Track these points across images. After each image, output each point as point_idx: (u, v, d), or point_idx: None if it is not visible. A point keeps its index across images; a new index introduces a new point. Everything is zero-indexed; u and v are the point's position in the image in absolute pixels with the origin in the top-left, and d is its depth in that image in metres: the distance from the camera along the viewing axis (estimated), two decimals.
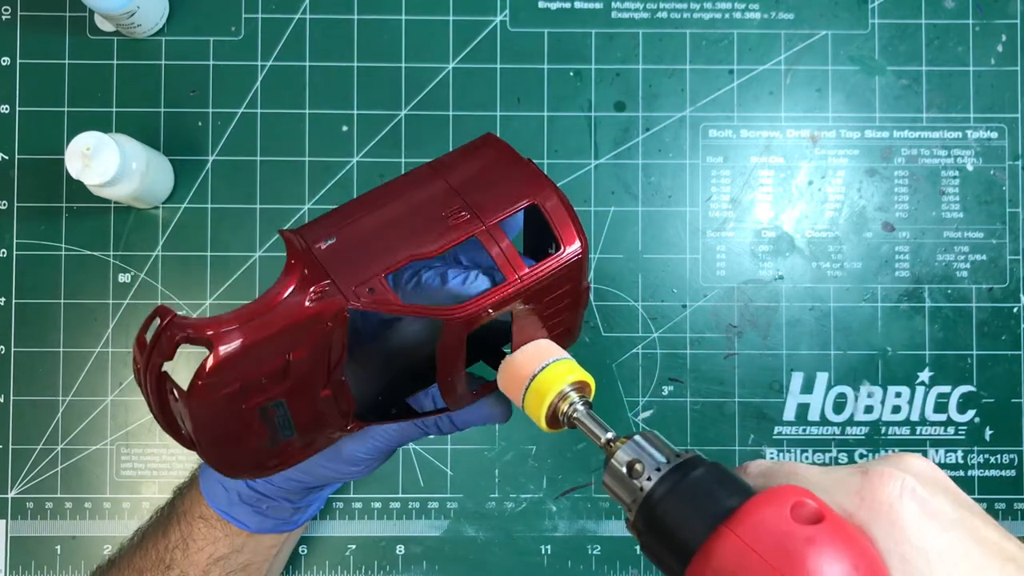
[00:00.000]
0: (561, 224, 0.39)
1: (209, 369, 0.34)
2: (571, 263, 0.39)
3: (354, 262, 0.37)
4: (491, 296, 0.38)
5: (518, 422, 0.60)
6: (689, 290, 0.61)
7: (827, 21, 0.62)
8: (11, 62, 0.61)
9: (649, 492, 0.31)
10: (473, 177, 0.41)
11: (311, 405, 0.39)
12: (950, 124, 0.62)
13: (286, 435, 0.39)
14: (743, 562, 0.27)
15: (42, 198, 0.60)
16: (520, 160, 0.41)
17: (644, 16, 0.62)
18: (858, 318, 0.61)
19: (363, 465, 0.45)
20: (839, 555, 0.26)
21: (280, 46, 0.61)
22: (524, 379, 0.37)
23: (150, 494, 0.60)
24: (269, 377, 0.36)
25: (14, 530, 0.59)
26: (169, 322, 0.35)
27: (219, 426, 0.37)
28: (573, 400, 0.36)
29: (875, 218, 0.62)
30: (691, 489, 0.30)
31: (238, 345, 0.34)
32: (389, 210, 0.39)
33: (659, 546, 0.30)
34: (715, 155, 0.62)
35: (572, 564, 0.60)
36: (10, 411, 0.60)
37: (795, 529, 0.27)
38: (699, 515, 0.29)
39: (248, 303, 0.36)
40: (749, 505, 0.28)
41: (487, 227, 0.38)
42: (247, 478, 0.41)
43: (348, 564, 0.60)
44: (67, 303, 0.60)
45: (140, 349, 0.36)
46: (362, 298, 0.36)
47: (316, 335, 0.36)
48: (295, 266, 0.37)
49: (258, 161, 0.61)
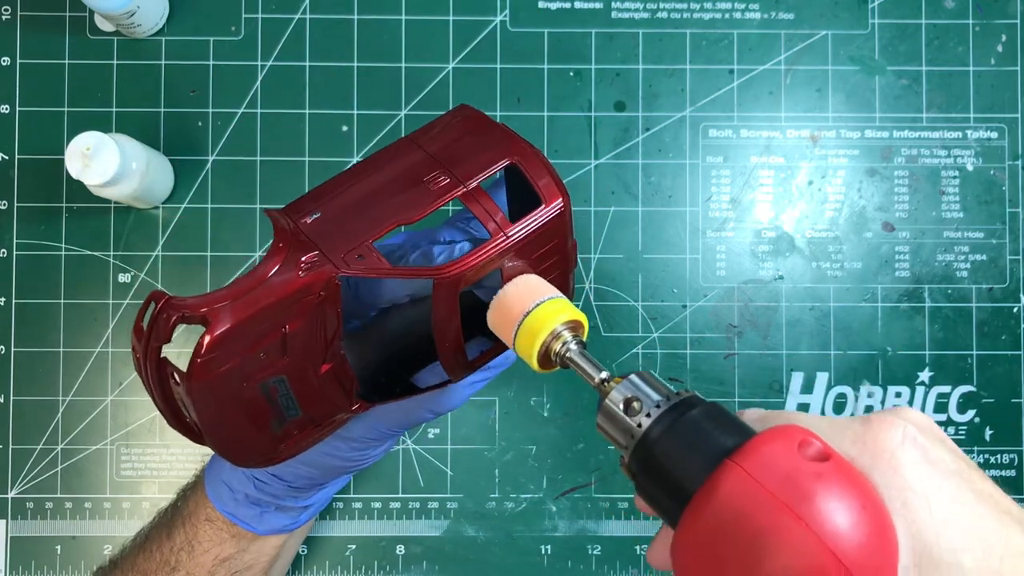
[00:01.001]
0: (541, 181, 0.40)
1: (207, 346, 0.34)
2: (554, 217, 0.39)
3: (341, 232, 0.38)
4: (478, 252, 0.38)
5: (518, 422, 0.61)
6: (689, 290, 0.61)
7: (827, 21, 0.62)
8: (11, 62, 0.61)
9: (646, 431, 0.30)
10: (451, 144, 0.41)
11: (312, 381, 0.39)
12: (950, 124, 0.62)
13: (291, 415, 0.39)
14: (750, 496, 0.26)
15: (42, 198, 0.60)
16: (496, 125, 0.42)
17: (644, 16, 0.62)
18: (858, 318, 0.61)
19: (369, 448, 0.45)
20: (847, 492, 0.26)
21: (280, 46, 0.61)
22: (516, 317, 0.36)
23: (150, 494, 0.60)
24: (267, 351, 0.36)
25: (14, 530, 0.59)
26: (164, 304, 0.35)
27: (222, 408, 0.36)
28: (566, 339, 0.35)
29: (875, 218, 0.62)
30: (690, 428, 0.29)
31: (233, 320, 0.35)
32: (370, 182, 0.40)
33: (655, 487, 0.30)
34: (715, 155, 0.62)
35: (572, 564, 0.60)
36: (10, 411, 0.60)
37: (804, 464, 0.26)
38: (699, 453, 0.28)
39: (239, 278, 0.36)
40: (757, 440, 0.27)
41: (468, 189, 0.39)
42: (259, 466, 0.40)
43: (348, 564, 0.60)
44: (67, 303, 0.60)
45: (138, 337, 0.36)
46: (352, 265, 0.36)
47: (309, 306, 0.36)
48: (282, 241, 0.37)
49: (258, 161, 0.61)
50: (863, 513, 0.26)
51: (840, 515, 0.25)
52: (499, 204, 0.42)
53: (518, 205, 0.42)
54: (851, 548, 0.25)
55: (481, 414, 0.61)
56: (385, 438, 0.45)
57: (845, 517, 0.25)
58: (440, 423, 0.61)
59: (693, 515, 0.28)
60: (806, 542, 0.25)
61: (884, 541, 0.26)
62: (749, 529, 0.26)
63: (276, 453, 0.40)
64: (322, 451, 0.44)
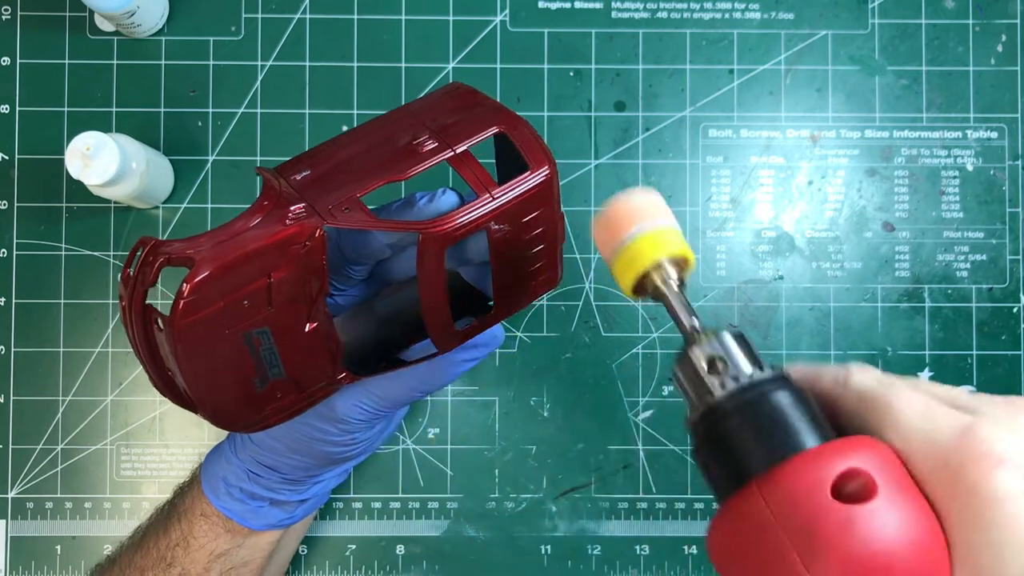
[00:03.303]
0: (529, 149, 0.40)
1: (191, 286, 0.34)
2: (541, 183, 0.40)
3: (329, 188, 0.38)
4: (465, 211, 0.38)
5: (518, 422, 0.61)
6: (689, 290, 0.61)
7: (827, 21, 0.62)
8: (11, 62, 0.61)
9: (719, 402, 0.27)
10: (442, 113, 0.42)
11: (297, 339, 0.39)
12: (950, 124, 0.62)
13: (274, 373, 0.39)
14: (763, 530, 0.23)
15: (42, 198, 0.60)
16: (486, 98, 0.43)
17: (644, 16, 0.62)
18: (858, 318, 0.61)
19: (357, 432, 0.45)
20: (874, 545, 0.22)
21: (280, 46, 0.61)
22: (622, 234, 0.33)
23: (150, 494, 0.60)
24: (251, 300, 0.36)
25: (14, 530, 0.59)
26: (151, 247, 0.35)
27: (204, 355, 0.36)
28: (668, 275, 0.32)
29: (875, 218, 0.62)
30: (763, 414, 0.26)
31: (218, 262, 0.35)
32: (360, 145, 0.41)
33: (711, 459, 0.27)
34: (715, 155, 0.62)
35: (572, 564, 0.60)
36: (10, 411, 0.60)
37: (830, 506, 0.23)
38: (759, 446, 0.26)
39: (224, 224, 0.37)
40: (794, 463, 0.24)
41: (457, 152, 0.39)
42: (243, 430, 0.40)
43: (348, 564, 0.60)
44: (67, 303, 0.60)
45: (125, 284, 0.36)
46: (338, 216, 0.37)
47: (295, 255, 0.37)
48: (268, 198, 0.38)
49: (258, 161, 0.61)
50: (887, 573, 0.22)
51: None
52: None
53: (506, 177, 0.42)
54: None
55: (481, 414, 0.61)
56: (371, 418, 0.45)
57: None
58: (440, 423, 0.61)
59: (720, 519, 0.26)
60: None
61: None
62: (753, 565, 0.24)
63: (260, 416, 0.40)
64: (311, 436, 0.45)
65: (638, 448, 0.61)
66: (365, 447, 0.48)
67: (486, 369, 0.61)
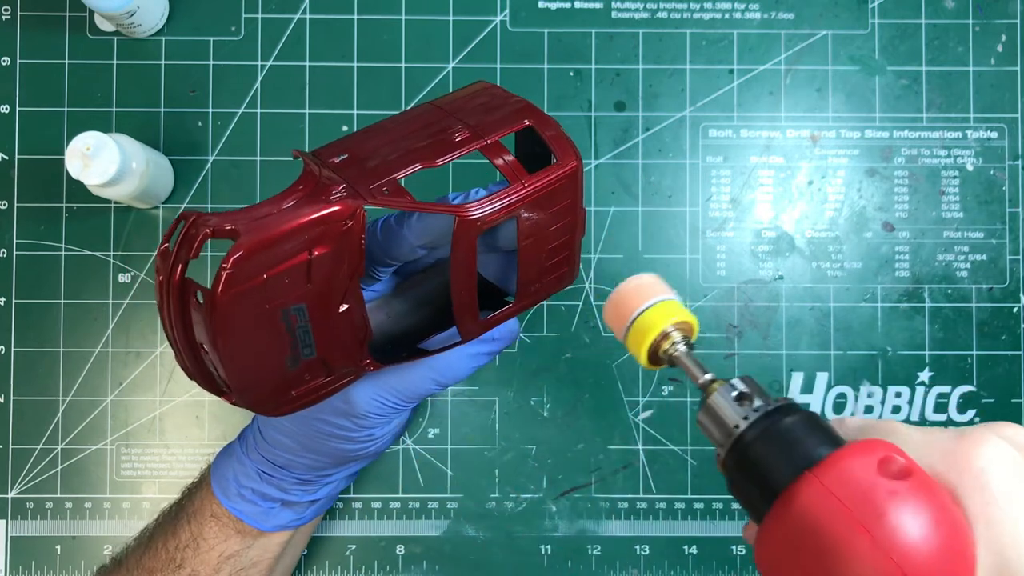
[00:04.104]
0: (557, 143, 0.42)
1: (236, 258, 0.34)
2: (568, 175, 0.41)
3: (368, 171, 0.39)
4: (498, 197, 0.39)
5: (518, 422, 0.61)
6: (689, 290, 0.61)
7: (827, 21, 0.62)
8: (11, 62, 0.61)
9: (742, 432, 0.31)
10: (471, 108, 0.43)
11: (330, 318, 0.39)
12: (950, 124, 0.62)
13: (306, 353, 0.39)
14: (825, 508, 0.27)
15: (42, 198, 0.60)
16: (514, 95, 0.44)
17: (644, 16, 0.62)
18: (858, 318, 0.61)
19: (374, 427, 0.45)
20: (922, 510, 0.26)
21: (280, 46, 0.61)
22: (629, 314, 0.37)
23: (150, 494, 0.60)
24: (291, 275, 0.37)
25: (14, 530, 0.59)
26: (195, 220, 0.35)
27: (242, 330, 0.36)
28: (675, 340, 0.37)
29: (875, 218, 0.62)
30: (783, 434, 0.30)
31: (264, 234, 0.35)
32: (394, 133, 0.42)
33: (747, 485, 0.31)
34: (715, 155, 0.62)
35: (572, 564, 0.60)
36: (10, 411, 0.60)
37: (880, 481, 0.27)
38: (789, 459, 0.29)
39: (262, 204, 0.37)
40: (837, 455, 0.28)
41: (488, 142, 0.40)
42: (268, 413, 0.40)
43: (348, 564, 0.60)
44: (67, 303, 0.60)
45: (163, 258, 0.36)
46: (378, 197, 0.37)
47: (336, 233, 0.37)
48: (304, 183, 0.38)
49: (258, 161, 0.61)
50: (937, 531, 0.26)
51: (912, 533, 0.26)
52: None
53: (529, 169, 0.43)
54: (921, 566, 0.25)
55: (481, 414, 0.61)
56: (389, 413, 0.45)
57: (917, 535, 0.26)
58: (440, 423, 0.61)
59: (773, 521, 0.29)
60: (876, 558, 0.26)
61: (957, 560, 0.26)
62: (823, 542, 0.27)
63: (287, 398, 0.40)
64: (327, 432, 0.45)
65: (638, 448, 0.61)
66: (378, 445, 0.48)
67: (486, 369, 0.61)
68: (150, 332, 0.60)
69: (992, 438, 0.28)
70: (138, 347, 0.60)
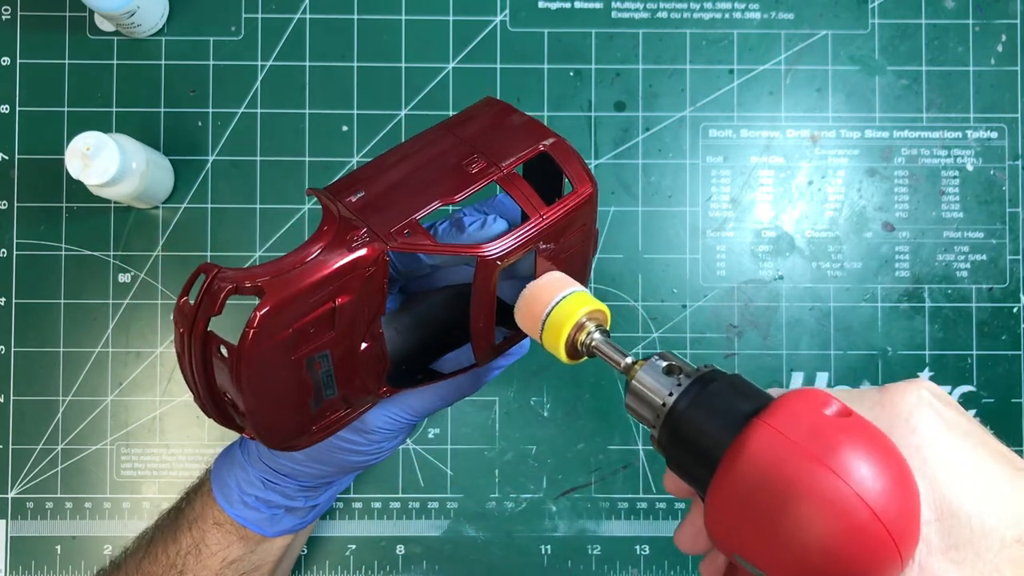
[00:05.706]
0: (571, 167, 0.41)
1: (263, 316, 0.34)
2: (584, 202, 0.41)
3: (386, 210, 0.39)
4: (519, 232, 0.39)
5: (518, 422, 0.61)
6: (689, 290, 0.61)
7: (827, 21, 0.62)
8: (11, 62, 0.61)
9: (672, 405, 0.32)
10: (482, 131, 0.43)
11: (352, 359, 0.39)
12: (950, 124, 0.62)
13: (328, 394, 0.39)
14: (779, 449, 0.27)
15: (42, 198, 0.60)
16: (524, 115, 0.43)
17: (644, 16, 0.62)
18: (858, 318, 0.61)
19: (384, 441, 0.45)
20: (871, 444, 0.27)
21: (280, 46, 0.61)
22: (541, 312, 0.37)
23: (150, 494, 0.60)
24: (316, 325, 0.37)
25: (14, 530, 0.59)
26: (216, 275, 0.35)
27: (269, 381, 0.36)
28: (590, 330, 0.37)
29: (875, 218, 0.62)
30: (714, 397, 0.31)
31: (290, 291, 0.35)
32: (408, 164, 0.41)
33: (686, 457, 0.31)
34: (715, 155, 0.62)
35: (572, 564, 0.60)
36: (10, 411, 0.60)
37: (828, 420, 0.28)
38: (725, 419, 0.30)
39: (284, 256, 0.37)
40: (781, 400, 0.29)
41: (505, 173, 0.40)
42: (288, 449, 0.41)
43: (348, 564, 0.60)
44: (67, 303, 0.60)
45: (183, 312, 0.36)
46: (400, 241, 0.37)
47: (359, 280, 0.37)
48: (328, 224, 0.38)
49: (258, 161, 0.61)
50: (887, 463, 0.27)
51: (866, 465, 0.27)
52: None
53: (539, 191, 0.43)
54: (878, 495, 0.26)
55: (481, 414, 0.61)
56: (401, 429, 0.45)
57: (871, 466, 0.27)
58: (440, 423, 0.61)
59: (723, 475, 0.29)
60: (835, 488, 0.26)
61: (908, 491, 0.27)
62: (780, 480, 0.27)
63: (307, 435, 0.41)
64: (339, 447, 0.45)
65: (638, 448, 0.61)
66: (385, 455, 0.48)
67: None
68: (150, 332, 0.60)
69: (914, 387, 0.31)
70: (138, 347, 0.60)
